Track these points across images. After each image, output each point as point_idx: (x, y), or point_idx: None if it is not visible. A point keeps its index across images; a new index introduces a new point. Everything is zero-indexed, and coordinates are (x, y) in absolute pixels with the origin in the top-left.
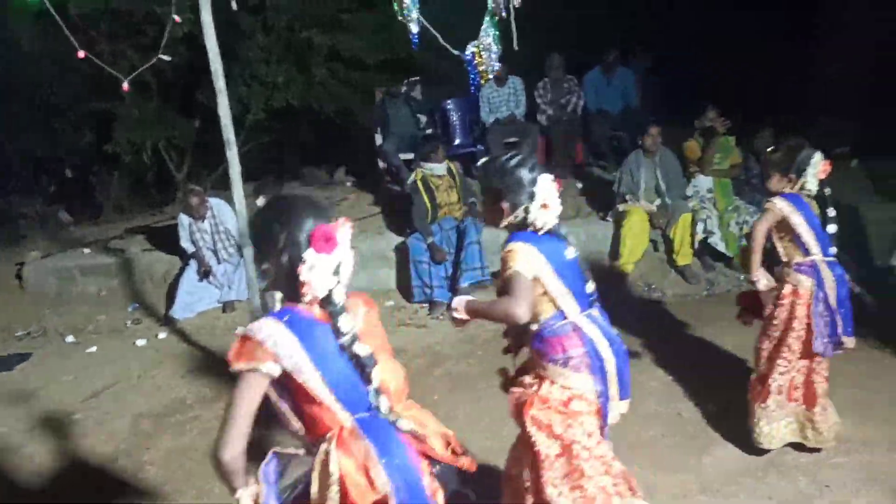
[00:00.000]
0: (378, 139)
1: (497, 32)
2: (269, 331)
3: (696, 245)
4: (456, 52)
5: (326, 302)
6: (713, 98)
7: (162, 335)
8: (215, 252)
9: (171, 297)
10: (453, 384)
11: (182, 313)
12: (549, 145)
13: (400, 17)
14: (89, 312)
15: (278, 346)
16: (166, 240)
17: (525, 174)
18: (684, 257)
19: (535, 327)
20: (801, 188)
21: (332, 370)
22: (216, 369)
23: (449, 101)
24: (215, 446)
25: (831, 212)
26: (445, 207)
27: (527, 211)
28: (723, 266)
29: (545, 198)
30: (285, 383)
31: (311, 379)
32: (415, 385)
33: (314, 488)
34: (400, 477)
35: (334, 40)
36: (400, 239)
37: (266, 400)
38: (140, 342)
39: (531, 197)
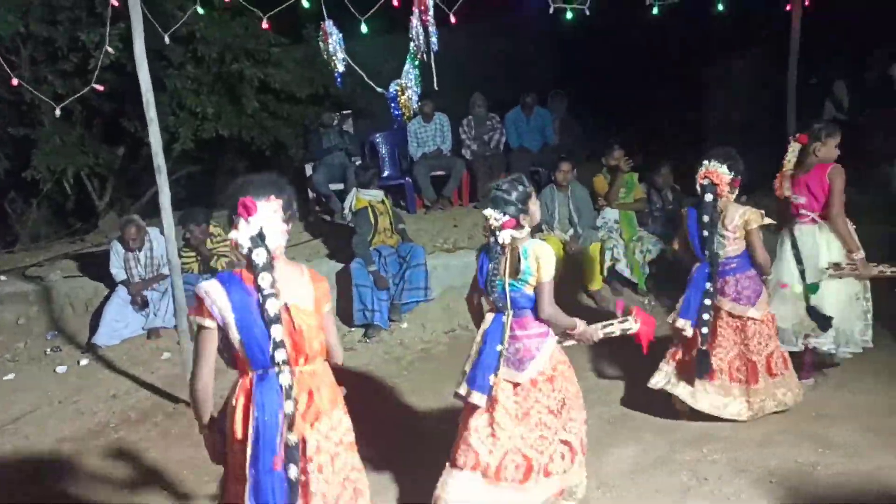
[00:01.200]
0: (308, 170)
1: (418, 73)
2: (208, 288)
3: (605, 272)
4: (380, 90)
5: (249, 263)
6: (620, 139)
7: (84, 362)
8: (144, 279)
9: (94, 324)
10: (381, 402)
11: (106, 340)
12: (474, 178)
13: (325, 56)
14: (7, 340)
15: (214, 304)
16: (89, 267)
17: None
18: (595, 283)
19: None
20: None
21: (247, 326)
22: (140, 393)
23: (378, 135)
24: (189, 381)
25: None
26: (381, 234)
27: None
28: (629, 291)
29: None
30: (225, 333)
31: (232, 333)
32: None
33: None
34: (263, 431)
35: (265, 73)
36: (335, 265)
37: None
38: (60, 369)
39: None
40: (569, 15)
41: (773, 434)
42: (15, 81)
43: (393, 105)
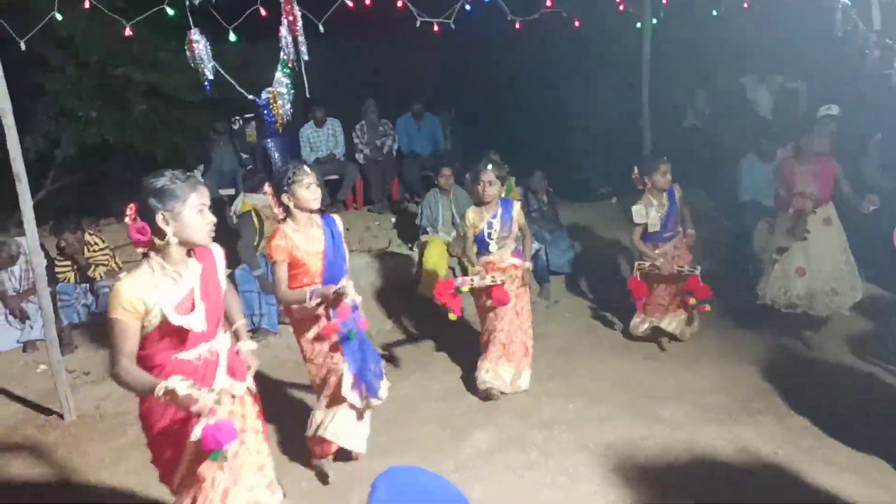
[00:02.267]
0: (197, 174)
1: (290, 81)
2: None
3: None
4: (251, 97)
5: None
6: (501, 146)
7: None
8: (18, 294)
9: None
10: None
11: None
12: (367, 183)
13: (192, 65)
14: None
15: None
16: None
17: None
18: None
19: None
20: None
21: None
22: (10, 408)
23: (269, 140)
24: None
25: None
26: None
27: None
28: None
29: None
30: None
31: None
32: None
33: None
34: None
35: (152, 78)
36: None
37: None
38: None
39: None
40: (435, 28)
41: (615, 413)
42: None
43: (266, 112)
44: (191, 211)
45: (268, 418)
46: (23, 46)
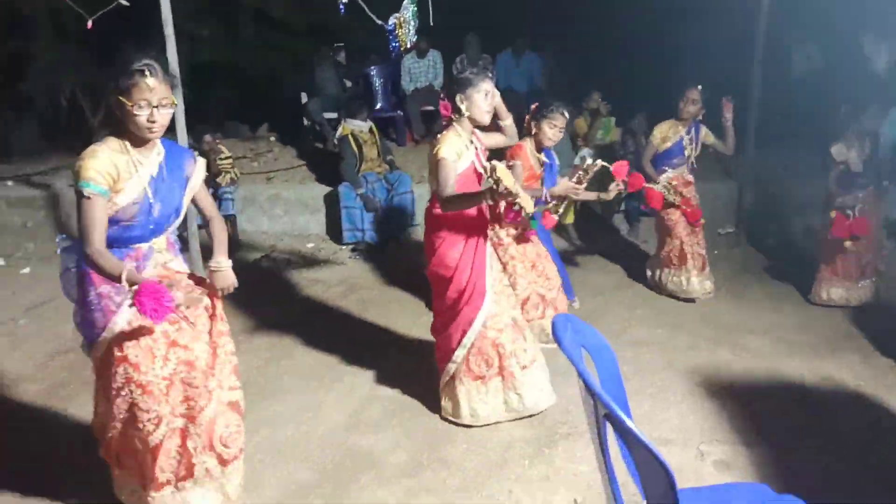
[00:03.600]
0: (304, 98)
1: (415, 8)
2: None
3: (578, 207)
4: (380, 22)
5: None
6: (601, 86)
7: None
8: None
9: None
10: (364, 307)
11: None
12: None
13: None
14: (17, 241)
15: None
16: None
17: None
18: (568, 218)
19: None
20: None
21: None
22: None
23: (373, 68)
24: None
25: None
26: (369, 162)
27: None
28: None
29: None
30: None
31: None
32: (332, 308)
33: None
34: None
35: (262, 2)
36: (324, 188)
37: None
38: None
39: None
40: None
41: (700, 342)
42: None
43: (391, 37)
44: (479, 95)
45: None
46: None
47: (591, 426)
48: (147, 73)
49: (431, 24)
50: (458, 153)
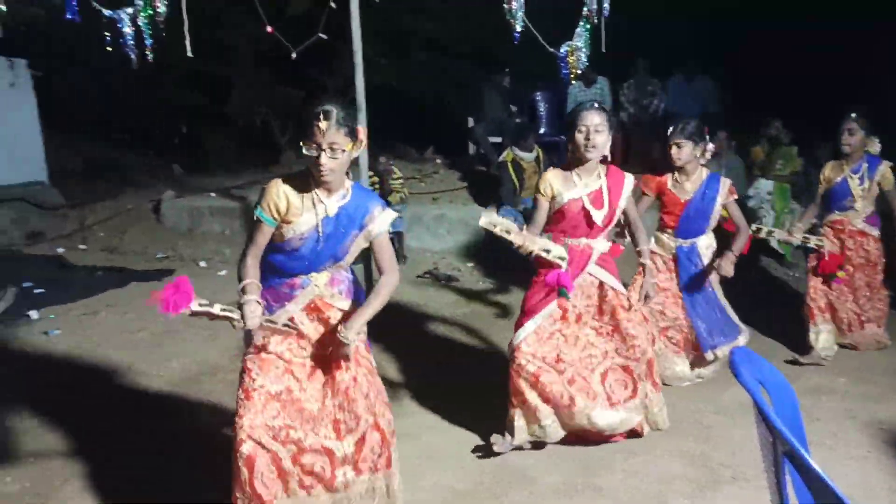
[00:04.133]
0: (470, 122)
1: (588, 36)
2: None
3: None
4: (552, 50)
5: None
6: (783, 112)
7: None
8: None
9: None
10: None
11: None
12: (628, 142)
13: (508, 18)
14: (216, 246)
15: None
16: None
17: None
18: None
19: None
20: None
21: None
22: None
23: (538, 94)
24: None
25: None
26: (529, 189)
27: None
28: (773, 262)
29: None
30: None
31: None
32: (492, 323)
33: None
34: None
35: (432, 28)
36: (478, 209)
37: None
38: None
39: None
40: None
41: (887, 393)
42: (269, 28)
43: (562, 65)
44: (576, 131)
45: None
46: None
47: (768, 466)
48: (321, 117)
49: (604, 50)
50: (554, 190)
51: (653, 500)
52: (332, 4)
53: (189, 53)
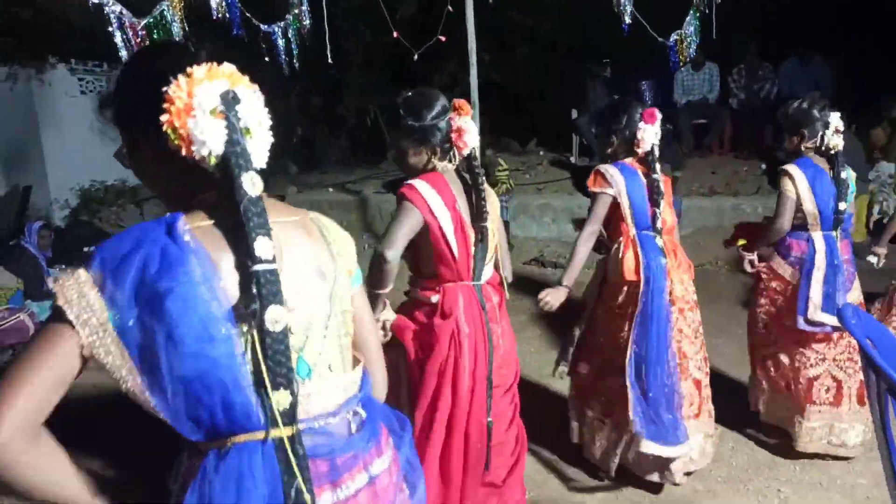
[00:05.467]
0: (574, 114)
1: (698, 23)
2: (608, 168)
3: (871, 225)
4: (661, 40)
5: (648, 155)
6: None
7: None
8: None
9: None
10: None
11: None
12: (739, 128)
13: (616, 10)
14: None
15: (613, 179)
16: (393, 186)
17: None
18: (858, 234)
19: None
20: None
21: (635, 201)
22: None
23: (644, 83)
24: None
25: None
26: None
27: (823, 138)
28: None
29: (837, 126)
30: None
31: (623, 203)
32: None
33: (611, 270)
34: (652, 272)
35: (535, 22)
36: (588, 200)
37: None
38: None
39: (825, 126)
40: None
41: None
42: (395, 34)
43: (672, 53)
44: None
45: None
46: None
47: (872, 404)
48: None
49: (714, 37)
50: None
51: (765, 466)
52: (450, 8)
53: (329, 60)
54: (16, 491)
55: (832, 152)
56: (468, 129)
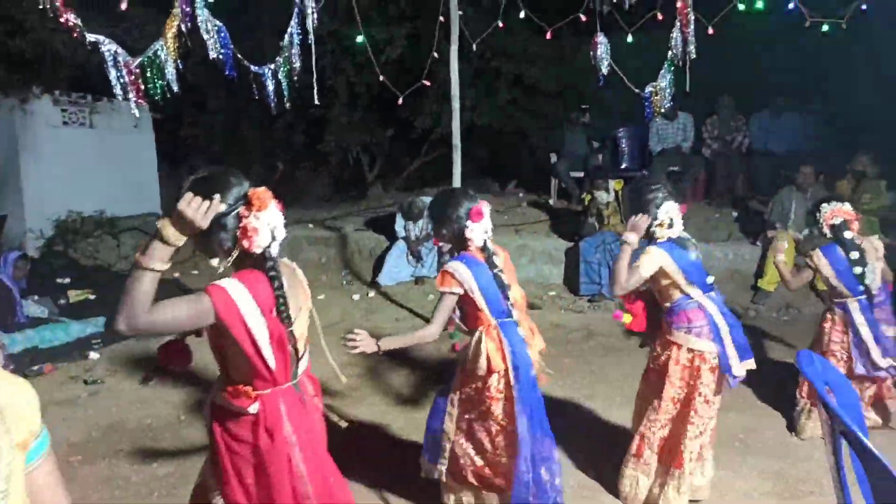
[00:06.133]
0: (553, 158)
1: (672, 77)
2: (456, 266)
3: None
4: (637, 91)
5: (482, 249)
6: (873, 146)
7: (371, 294)
8: (417, 240)
9: (377, 268)
10: (605, 351)
11: (386, 281)
12: (711, 177)
13: (592, 63)
14: (314, 273)
15: (462, 276)
16: (370, 223)
17: (656, 197)
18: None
19: (667, 305)
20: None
21: (488, 291)
22: (413, 322)
23: (621, 130)
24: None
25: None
26: (609, 226)
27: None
28: None
29: (669, 217)
30: (462, 299)
31: (477, 296)
32: (573, 351)
33: (471, 357)
34: (518, 358)
35: (519, 69)
36: (567, 242)
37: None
38: (355, 297)
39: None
40: (825, 28)
41: None
42: (381, 77)
43: (647, 104)
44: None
45: None
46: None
47: (828, 446)
48: None
49: (687, 90)
50: None
51: None
52: (435, 54)
53: (316, 102)
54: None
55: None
56: (259, 230)
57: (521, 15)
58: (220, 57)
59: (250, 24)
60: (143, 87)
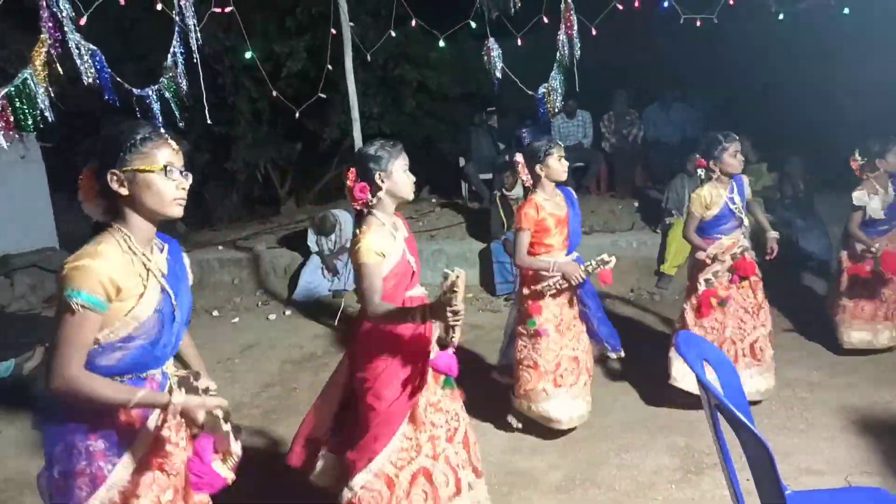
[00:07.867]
0: (461, 162)
1: (563, 77)
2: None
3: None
4: (530, 92)
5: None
6: (753, 131)
7: (288, 312)
8: (332, 253)
9: (292, 285)
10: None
11: (303, 297)
12: (612, 170)
13: (487, 67)
14: (227, 295)
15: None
16: (284, 241)
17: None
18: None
19: None
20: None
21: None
22: (333, 336)
23: (524, 130)
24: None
25: None
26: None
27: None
28: None
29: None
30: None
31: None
32: (491, 351)
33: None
34: None
35: (423, 75)
36: (480, 244)
37: None
38: (272, 317)
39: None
40: (698, 23)
41: (857, 381)
42: (273, 93)
43: (541, 104)
44: (399, 171)
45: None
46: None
47: (707, 418)
48: (166, 136)
49: (577, 89)
50: (383, 251)
51: (645, 487)
52: (329, 67)
53: (208, 121)
54: None
55: None
56: None
57: (413, 23)
58: (97, 81)
59: (147, 46)
60: (11, 118)
